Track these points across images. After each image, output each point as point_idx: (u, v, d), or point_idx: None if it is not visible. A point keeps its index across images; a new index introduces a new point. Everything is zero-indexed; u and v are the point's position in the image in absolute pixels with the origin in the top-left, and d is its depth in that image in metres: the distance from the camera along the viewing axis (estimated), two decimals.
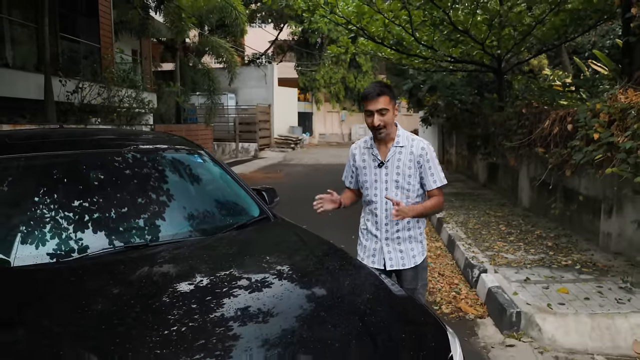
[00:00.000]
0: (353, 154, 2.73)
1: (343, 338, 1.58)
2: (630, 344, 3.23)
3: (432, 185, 2.56)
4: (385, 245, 2.58)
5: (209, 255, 2.16)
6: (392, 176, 2.56)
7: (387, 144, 2.59)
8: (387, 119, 2.47)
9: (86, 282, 1.85)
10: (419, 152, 2.55)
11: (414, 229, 2.61)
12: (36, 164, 2.38)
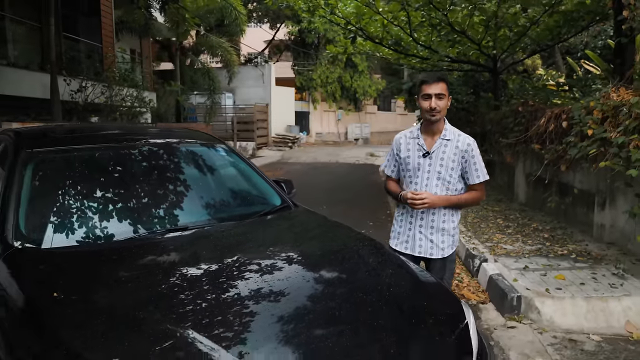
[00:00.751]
0: (398, 143, 2.78)
1: (374, 304, 1.80)
2: (622, 324, 3.47)
3: (476, 180, 2.64)
4: (417, 232, 2.67)
5: (248, 237, 2.38)
6: (435, 167, 2.64)
7: (433, 136, 2.66)
8: (442, 104, 2.55)
9: (159, 254, 2.10)
10: (464, 147, 2.63)
11: (448, 222, 2.67)
12: (95, 154, 2.60)
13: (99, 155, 2.64)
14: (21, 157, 2.44)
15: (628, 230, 4.64)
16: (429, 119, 2.61)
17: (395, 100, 32.30)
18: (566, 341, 3.33)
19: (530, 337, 3.40)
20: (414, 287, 2.04)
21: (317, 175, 13.39)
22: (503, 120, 7.96)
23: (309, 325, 1.62)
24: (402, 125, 31.64)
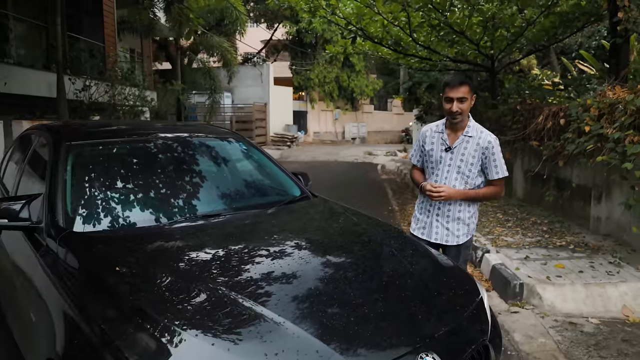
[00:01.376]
0: (424, 135, 2.94)
1: (400, 279, 1.99)
2: (619, 308, 3.68)
3: (495, 175, 2.78)
4: (435, 220, 2.85)
5: (277, 222, 2.59)
6: (455, 161, 2.79)
7: (457, 132, 2.80)
8: (464, 107, 2.69)
9: (197, 235, 2.31)
10: (485, 144, 2.75)
11: (464, 212, 2.83)
12: (130, 146, 2.79)
13: (133, 148, 2.83)
14: (63, 150, 2.61)
15: (623, 222, 4.86)
16: (452, 120, 2.76)
17: (391, 100, 32.55)
18: (567, 324, 3.53)
19: (532, 321, 3.61)
20: (434, 266, 2.24)
21: (317, 174, 13.53)
22: (501, 118, 8.17)
23: (346, 294, 1.81)
24: (398, 125, 31.88)
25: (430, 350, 1.59)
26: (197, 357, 1.41)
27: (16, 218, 2.24)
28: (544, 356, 3.10)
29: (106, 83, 11.10)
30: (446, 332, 1.72)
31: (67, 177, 2.47)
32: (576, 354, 3.10)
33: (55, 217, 2.24)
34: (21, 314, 2.19)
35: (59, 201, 2.32)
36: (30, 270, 2.14)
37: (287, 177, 3.23)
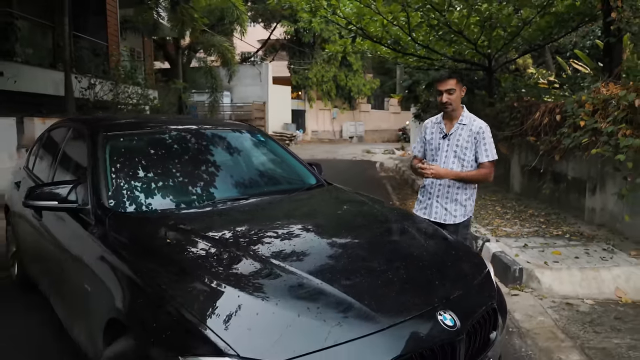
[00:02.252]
0: (425, 127, 3.32)
1: (417, 251, 2.23)
2: (612, 290, 3.94)
3: (484, 158, 3.10)
4: (435, 201, 3.19)
5: (301, 204, 2.82)
6: (452, 147, 3.13)
7: (452, 121, 3.15)
8: (453, 97, 3.04)
9: (232, 215, 2.56)
10: (477, 130, 3.09)
11: (461, 194, 3.16)
12: (159, 137, 3.02)
13: (163, 138, 3.06)
14: (100, 140, 2.82)
15: (616, 212, 5.12)
16: (444, 110, 3.14)
17: (388, 99, 32.82)
18: (564, 304, 3.78)
19: (532, 302, 3.85)
20: (446, 243, 2.48)
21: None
22: (499, 115, 8.42)
23: (372, 262, 2.05)
24: (395, 124, 32.14)
25: (447, 309, 1.83)
26: (248, 311, 1.64)
27: (65, 200, 2.46)
28: (542, 332, 3.34)
29: (110, 82, 11.29)
30: (460, 295, 1.96)
31: (107, 164, 2.68)
32: (573, 330, 3.34)
33: (100, 200, 2.45)
34: (72, 287, 2.40)
35: (102, 185, 2.53)
36: (81, 246, 2.36)
37: (303, 167, 3.46)
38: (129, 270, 1.93)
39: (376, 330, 1.63)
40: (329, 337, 1.56)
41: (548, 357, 3.00)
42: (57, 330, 3.25)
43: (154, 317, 1.67)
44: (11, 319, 3.51)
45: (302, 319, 1.61)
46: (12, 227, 4.10)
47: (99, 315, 2.01)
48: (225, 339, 1.52)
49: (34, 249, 3.31)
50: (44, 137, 3.93)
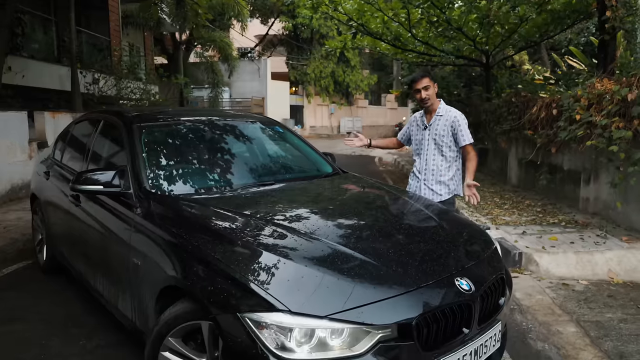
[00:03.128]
0: (411, 121, 3.91)
1: (433, 229, 2.49)
2: (605, 271, 4.22)
3: (463, 142, 3.59)
4: (423, 184, 3.69)
5: (321, 189, 3.07)
6: (432, 136, 3.66)
7: (431, 114, 3.68)
8: (429, 93, 3.57)
9: (262, 197, 2.78)
10: (452, 119, 3.59)
11: (444, 176, 3.66)
12: (186, 127, 3.24)
13: (192, 128, 3.30)
14: (135, 130, 3.05)
15: (609, 201, 5.40)
16: (424, 106, 3.65)
17: (385, 95, 33.08)
18: (560, 285, 4.06)
19: (531, 283, 4.12)
20: (457, 222, 2.74)
21: None
22: (497, 110, 8.69)
23: (395, 236, 2.30)
24: (391, 120, 32.43)
25: (464, 276, 2.08)
26: (294, 274, 1.89)
27: (110, 185, 2.69)
28: (541, 308, 3.61)
29: (113, 77, 11.45)
30: (473, 265, 2.21)
31: (144, 152, 2.91)
32: (569, 306, 3.62)
33: (142, 184, 2.68)
34: (118, 264, 2.63)
35: (142, 171, 2.76)
36: (127, 226, 2.58)
37: (319, 157, 3.71)
38: (182, 243, 2.17)
39: (405, 291, 1.89)
40: (366, 297, 1.82)
41: (547, 329, 3.27)
42: (87, 307, 3.50)
43: (211, 282, 1.91)
44: (43, 299, 3.74)
45: (342, 282, 1.86)
46: (40, 216, 4.30)
47: (152, 285, 2.25)
48: (277, 297, 1.76)
49: (68, 233, 3.53)
50: (71, 130, 4.14)
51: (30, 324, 3.30)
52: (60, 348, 2.96)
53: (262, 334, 1.72)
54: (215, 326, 1.89)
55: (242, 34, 18.52)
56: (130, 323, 2.64)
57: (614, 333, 3.17)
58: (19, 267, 4.58)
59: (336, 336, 1.75)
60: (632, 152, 4.62)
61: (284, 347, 1.71)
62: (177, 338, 2.06)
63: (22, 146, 7.22)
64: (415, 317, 1.82)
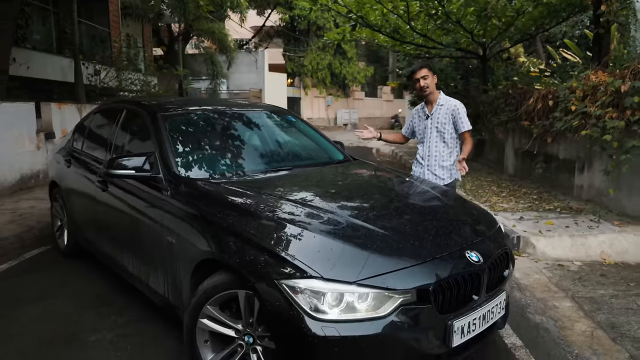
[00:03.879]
0: (413, 114, 4.20)
1: (442, 209, 2.71)
2: (598, 253, 4.47)
3: (462, 129, 3.85)
4: (427, 170, 3.94)
5: (334, 173, 3.30)
6: (434, 124, 3.91)
7: (432, 104, 3.93)
8: (428, 82, 3.81)
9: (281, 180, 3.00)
10: (452, 108, 3.86)
11: (446, 162, 3.92)
12: (206, 116, 3.44)
13: (210, 117, 3.50)
14: (160, 118, 3.24)
15: (603, 188, 5.65)
16: (423, 94, 3.88)
17: (381, 87, 33.22)
18: (556, 265, 4.31)
19: (528, 264, 4.37)
20: (464, 203, 2.97)
21: None
22: (494, 102, 8.92)
23: (409, 214, 2.53)
24: (387, 112, 32.58)
25: (473, 249, 2.31)
26: (325, 246, 2.11)
27: (141, 170, 2.88)
28: (538, 286, 3.86)
29: (114, 68, 11.55)
30: (481, 240, 2.44)
31: (170, 139, 3.10)
32: (564, 284, 3.87)
33: (171, 169, 2.88)
34: (150, 243, 2.83)
35: (170, 157, 2.95)
36: (158, 207, 2.77)
37: (331, 145, 3.93)
38: (216, 221, 2.37)
39: (423, 261, 2.11)
40: (389, 266, 2.04)
41: (544, 304, 3.52)
42: (113, 287, 3.71)
43: (248, 254, 2.12)
44: (69, 280, 3.94)
45: (366, 253, 2.08)
46: (60, 202, 4.47)
47: (188, 261, 2.46)
48: (310, 265, 1.98)
49: (93, 217, 3.72)
50: (90, 120, 4.31)
51: (61, 302, 3.51)
52: (93, 323, 3.17)
53: (297, 298, 1.94)
54: (252, 294, 2.11)
55: (242, 25, 18.57)
56: (162, 299, 2.85)
57: (606, 307, 3.42)
58: (39, 252, 4.76)
59: (362, 300, 1.97)
60: (624, 141, 4.86)
61: (317, 309, 1.93)
62: (215, 306, 2.27)
63: (30, 137, 7.36)
64: (432, 284, 2.04)
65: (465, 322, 2.16)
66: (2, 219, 5.49)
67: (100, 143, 3.87)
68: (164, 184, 2.84)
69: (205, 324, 2.29)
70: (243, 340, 2.25)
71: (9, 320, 3.22)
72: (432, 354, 2.11)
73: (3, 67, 7.28)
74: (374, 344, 1.93)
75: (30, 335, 3.00)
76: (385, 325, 1.94)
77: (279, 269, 2.01)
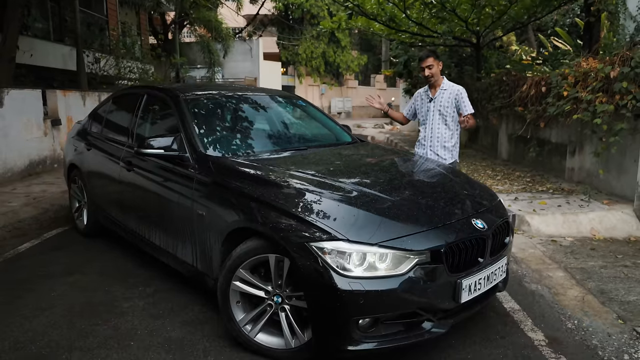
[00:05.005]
0: (416, 95, 4.41)
1: (449, 183, 2.98)
2: (588, 229, 4.78)
3: (465, 112, 4.06)
4: (429, 150, 4.16)
5: (346, 152, 3.54)
6: (437, 107, 4.14)
7: (436, 88, 4.17)
8: (433, 71, 4.08)
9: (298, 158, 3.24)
10: (455, 92, 4.10)
11: (447, 143, 4.13)
12: (225, 99, 3.67)
13: (227, 100, 3.73)
14: (183, 101, 3.45)
15: (593, 170, 5.96)
16: (428, 81, 4.16)
17: (374, 76, 33.38)
18: (549, 241, 4.60)
19: (523, 240, 4.66)
20: (467, 179, 3.23)
21: None
22: (489, 89, 9.18)
23: (419, 187, 2.79)
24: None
25: (478, 218, 2.57)
26: (349, 214, 2.35)
27: (170, 149, 3.10)
28: (533, 259, 4.16)
29: (113, 56, 11.63)
30: (485, 210, 2.70)
31: (194, 120, 3.32)
32: (557, 257, 4.16)
33: (197, 148, 3.10)
34: (179, 217, 3.06)
35: (195, 137, 3.17)
36: (188, 184, 3.00)
37: (340, 128, 4.17)
38: (247, 194, 2.60)
39: (435, 226, 2.38)
40: (405, 230, 2.30)
41: (539, 274, 3.81)
42: (136, 262, 3.94)
43: (280, 222, 2.36)
44: (92, 257, 4.16)
45: (385, 219, 2.35)
46: (79, 184, 4.67)
47: (219, 230, 2.70)
48: (337, 229, 2.23)
49: (118, 196, 3.93)
50: (108, 105, 4.50)
51: (89, 276, 3.74)
52: (123, 292, 3.41)
53: (326, 258, 2.19)
54: (282, 258, 2.36)
55: (238, 13, 18.60)
56: (190, 268, 3.09)
57: (596, 276, 3.72)
58: (57, 232, 4.97)
59: (382, 260, 2.23)
60: (613, 124, 5.15)
61: (344, 267, 2.18)
62: (247, 270, 2.52)
63: (38, 123, 7.50)
64: (443, 246, 2.31)
65: (472, 281, 2.43)
66: (18, 202, 5.67)
67: (122, 127, 4.07)
68: (191, 162, 3.06)
69: (238, 286, 2.54)
70: (272, 300, 2.50)
71: (39, 293, 3.42)
72: (443, 309, 2.38)
73: (11, 54, 7.39)
74: (394, 297, 2.20)
75: (64, 306, 3.22)
76: (403, 281, 2.20)
77: (308, 234, 2.26)
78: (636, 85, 4.97)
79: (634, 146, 5.13)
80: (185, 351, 2.64)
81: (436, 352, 2.66)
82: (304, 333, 2.42)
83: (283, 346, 2.49)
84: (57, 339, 2.78)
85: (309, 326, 2.38)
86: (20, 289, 3.49)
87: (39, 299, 3.32)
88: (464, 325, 2.84)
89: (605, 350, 2.72)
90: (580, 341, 2.83)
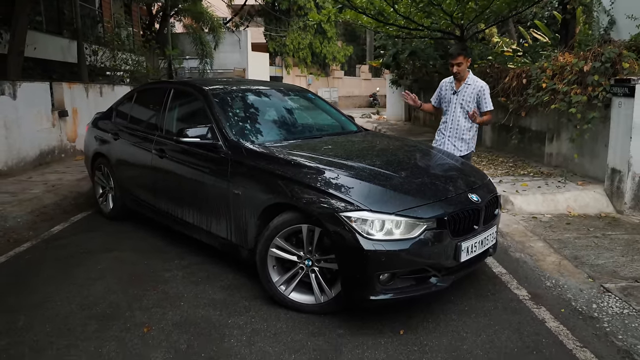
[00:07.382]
0: (441, 85, 4.69)
1: (448, 165, 3.50)
2: (565, 207, 5.38)
3: (485, 108, 4.48)
4: (447, 140, 4.55)
5: (355, 140, 4.04)
6: (459, 100, 4.48)
7: (460, 82, 4.51)
8: (461, 68, 4.40)
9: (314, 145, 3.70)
10: (478, 88, 4.44)
11: (465, 135, 4.53)
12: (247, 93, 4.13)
13: (249, 94, 4.19)
14: (210, 95, 3.90)
15: (569, 155, 6.58)
16: (455, 77, 4.50)
17: (359, 66, 33.83)
18: (530, 218, 5.19)
19: (508, 217, 5.23)
20: (464, 163, 3.77)
21: None
22: None
23: (422, 168, 3.31)
24: (366, 90, 33.30)
25: (473, 192, 3.10)
26: (367, 189, 2.85)
27: (205, 138, 3.55)
28: (517, 233, 4.73)
29: (108, 49, 11.86)
30: (478, 187, 3.24)
31: (222, 111, 3.77)
32: (538, 231, 4.75)
33: (229, 137, 3.56)
34: (214, 197, 3.52)
35: (225, 127, 3.62)
36: (222, 168, 3.45)
37: (345, 118, 4.66)
38: (279, 174, 3.08)
39: (439, 199, 2.90)
40: (416, 202, 2.82)
41: (522, 245, 4.38)
42: (166, 240, 4.39)
43: (312, 197, 2.85)
44: (124, 237, 4.59)
45: (399, 193, 2.86)
46: (105, 171, 5.06)
47: (254, 207, 3.17)
48: (361, 201, 2.73)
49: (149, 181, 4.35)
50: (133, 99, 4.90)
51: (125, 253, 4.17)
52: (161, 265, 3.86)
53: (353, 224, 2.69)
54: (313, 227, 2.85)
55: (228, 4, 18.77)
56: (224, 241, 3.56)
57: (571, 245, 4.31)
58: (82, 216, 5.37)
59: (397, 227, 2.73)
60: (586, 113, 5.75)
61: (367, 232, 2.68)
62: (282, 238, 3.01)
63: (47, 115, 7.80)
64: (447, 214, 2.83)
65: (470, 244, 2.96)
66: (39, 189, 6.03)
67: (151, 118, 4.48)
68: (224, 149, 3.51)
69: (274, 252, 3.03)
70: (303, 264, 3.00)
71: (87, 267, 3.86)
72: (446, 266, 2.91)
73: (20, 48, 7.63)
74: (408, 256, 2.71)
75: (112, 276, 3.66)
76: (415, 243, 2.72)
77: (337, 206, 2.75)
78: (606, 78, 5.56)
79: (604, 133, 5.73)
80: (230, 309, 3.13)
81: (438, 304, 3.20)
82: (332, 290, 2.92)
83: (313, 302, 3.00)
84: (116, 301, 3.23)
85: (334, 284, 2.89)
86: (68, 264, 3.92)
87: (89, 271, 3.76)
88: (461, 284, 3.38)
89: (578, 301, 3.29)
90: (557, 295, 3.40)
